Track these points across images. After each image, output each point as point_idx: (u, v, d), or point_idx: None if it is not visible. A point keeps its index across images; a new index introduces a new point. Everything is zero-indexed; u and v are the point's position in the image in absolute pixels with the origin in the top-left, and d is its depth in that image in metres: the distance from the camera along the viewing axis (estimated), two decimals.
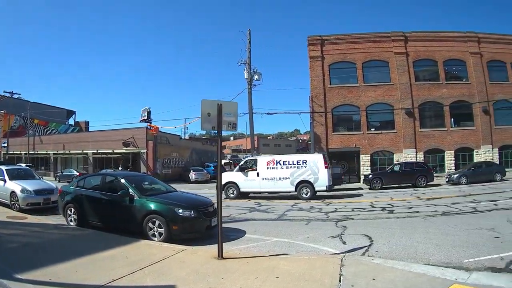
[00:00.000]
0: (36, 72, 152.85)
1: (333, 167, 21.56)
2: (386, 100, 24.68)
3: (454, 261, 5.05)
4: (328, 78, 24.86)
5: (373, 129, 24.91)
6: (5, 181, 10.73)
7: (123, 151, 28.46)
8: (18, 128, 42.12)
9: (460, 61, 25.95)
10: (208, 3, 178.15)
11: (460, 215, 9.15)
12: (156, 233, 6.55)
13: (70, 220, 7.90)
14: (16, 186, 10.35)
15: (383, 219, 9.07)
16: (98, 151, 30.09)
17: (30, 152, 36.31)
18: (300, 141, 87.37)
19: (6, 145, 37.73)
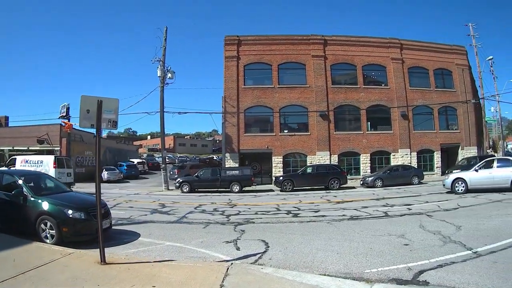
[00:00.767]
0: None
1: (243, 168, 21.20)
2: (301, 102, 24.48)
3: (355, 271, 4.61)
4: (243, 79, 24.38)
5: (286, 131, 24.57)
6: None
7: (37, 148, 27.18)
8: None
9: (381, 66, 26.30)
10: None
11: (369, 220, 8.75)
12: (49, 235, 6.27)
13: None
14: None
15: (286, 223, 8.67)
16: (14, 148, 28.65)
17: None
18: (217, 141, 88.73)
19: None
